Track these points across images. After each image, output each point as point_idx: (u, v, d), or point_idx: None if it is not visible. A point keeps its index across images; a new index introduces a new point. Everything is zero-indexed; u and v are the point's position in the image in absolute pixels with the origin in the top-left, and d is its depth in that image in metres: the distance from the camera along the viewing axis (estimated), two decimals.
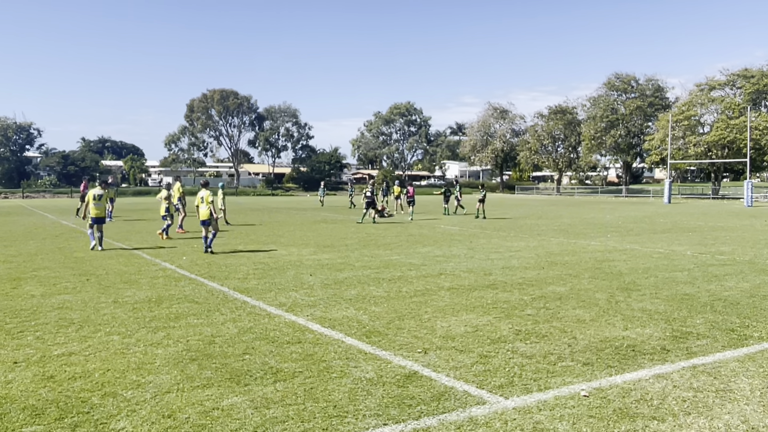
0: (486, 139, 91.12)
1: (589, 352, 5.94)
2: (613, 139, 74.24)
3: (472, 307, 7.91)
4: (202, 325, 6.86)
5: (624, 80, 76.21)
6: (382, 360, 5.64)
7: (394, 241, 16.48)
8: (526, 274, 10.65)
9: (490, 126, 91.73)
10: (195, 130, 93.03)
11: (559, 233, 19.39)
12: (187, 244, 15.59)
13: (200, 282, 9.77)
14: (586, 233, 19.43)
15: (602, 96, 77.03)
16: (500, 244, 16.01)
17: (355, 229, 20.85)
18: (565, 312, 7.62)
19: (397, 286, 9.45)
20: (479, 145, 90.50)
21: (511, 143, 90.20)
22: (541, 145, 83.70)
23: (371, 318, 7.26)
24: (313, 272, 10.78)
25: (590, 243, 16.25)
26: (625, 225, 23.38)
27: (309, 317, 7.29)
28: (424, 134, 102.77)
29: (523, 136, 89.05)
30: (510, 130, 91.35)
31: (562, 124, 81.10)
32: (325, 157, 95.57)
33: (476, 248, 14.86)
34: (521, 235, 18.76)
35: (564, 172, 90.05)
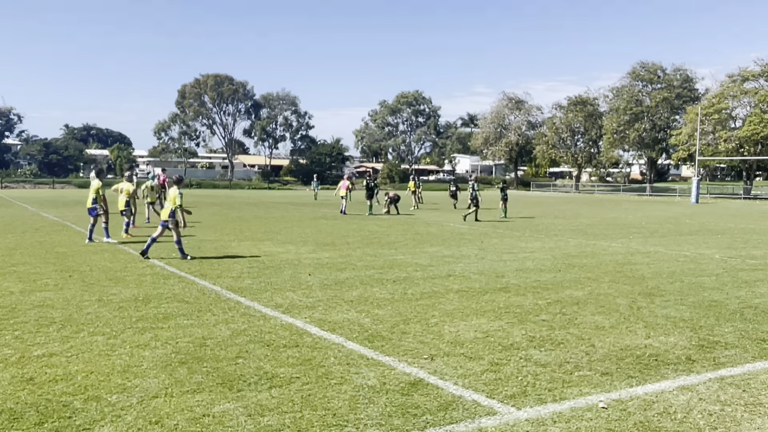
0: (500, 131, 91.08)
1: (608, 361, 5.94)
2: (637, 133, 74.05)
3: (483, 311, 7.92)
4: (193, 327, 6.88)
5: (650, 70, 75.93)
6: (386, 366, 5.66)
7: (399, 240, 16.49)
8: (542, 277, 10.64)
9: (504, 117, 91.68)
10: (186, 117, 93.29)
11: (577, 234, 19.36)
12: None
13: (190, 280, 9.80)
14: (606, 234, 19.40)
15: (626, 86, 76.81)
16: (514, 244, 16.00)
17: (357, 226, 20.87)
18: (582, 318, 7.62)
19: (402, 287, 9.46)
20: (492, 137, 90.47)
21: (526, 136, 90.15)
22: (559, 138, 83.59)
23: (374, 321, 7.27)
24: (311, 272, 10.80)
25: (611, 244, 16.23)
26: (649, 226, 23.32)
27: (307, 319, 7.30)
28: (433, 125, 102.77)
29: (539, 128, 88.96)
30: (526, 122, 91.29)
31: (582, 116, 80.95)
32: (326, 149, 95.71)
33: (488, 248, 14.85)
34: (536, 235, 18.74)
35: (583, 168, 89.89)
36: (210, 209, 29.81)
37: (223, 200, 41.02)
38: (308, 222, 22.44)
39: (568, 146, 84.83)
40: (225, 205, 33.87)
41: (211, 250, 13.61)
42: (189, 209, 13.24)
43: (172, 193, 12.22)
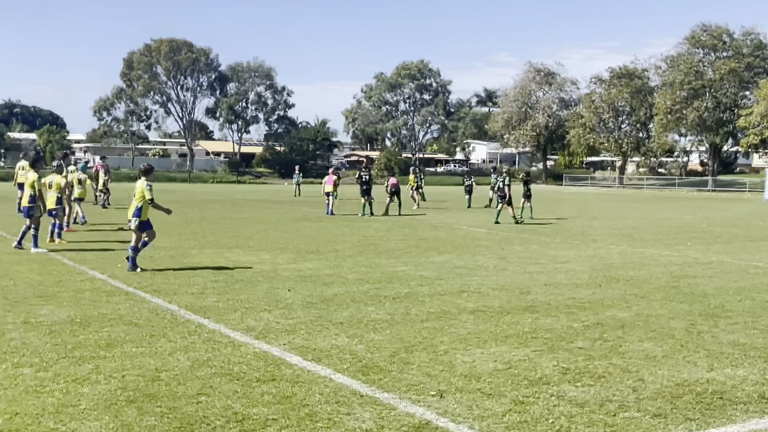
0: (525, 111, 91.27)
1: (661, 399, 5.95)
2: (697, 113, 74.18)
3: (504, 336, 7.93)
4: (144, 356, 6.88)
5: (713, 34, 76.12)
6: (384, 405, 5.66)
7: (399, 247, 16.50)
8: (577, 294, 10.65)
9: (530, 94, 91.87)
10: (134, 93, 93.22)
11: (621, 239, 19.40)
12: (122, 245, 15.58)
13: (140, 297, 9.79)
14: (658, 240, 19.43)
15: (683, 55, 77.05)
16: (542, 252, 16.00)
17: (348, 229, 20.90)
18: (629, 345, 7.63)
19: (403, 306, 9.47)
20: (516, 119, 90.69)
21: (558, 117, 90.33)
22: (599, 120, 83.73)
23: (369, 349, 7.27)
24: (292, 286, 10.80)
25: (663, 253, 16.25)
26: (712, 229, 23.38)
27: (286, 346, 7.30)
28: (442, 104, 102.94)
29: (574, 107, 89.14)
30: (557, 99, 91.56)
31: (627, 92, 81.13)
32: (309, 133, 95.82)
33: (510, 258, 14.86)
34: (570, 240, 18.76)
35: (629, 156, 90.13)
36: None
37: (181, 197, 41.01)
38: (287, 224, 22.45)
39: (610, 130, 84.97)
40: (183, 203, 33.86)
41: (166, 260, 13.61)
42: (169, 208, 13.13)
43: (139, 186, 12.26)
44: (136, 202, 12.28)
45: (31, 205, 14.52)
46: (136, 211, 12.26)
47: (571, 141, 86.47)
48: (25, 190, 14.78)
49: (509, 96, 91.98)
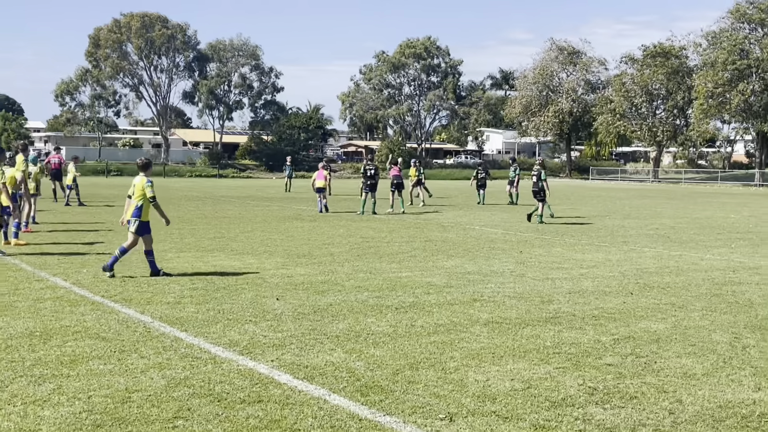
0: (546, 95, 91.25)
1: (701, 423, 5.95)
2: (743, 96, 74.05)
3: (523, 351, 7.93)
4: (112, 374, 6.88)
5: (760, 7, 75.91)
6: (386, 430, 5.66)
7: (404, 250, 16.49)
8: (606, 303, 10.65)
9: (552, 76, 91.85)
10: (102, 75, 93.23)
11: (656, 241, 19.38)
12: (88, 248, 15.68)
13: (109, 307, 9.80)
14: (698, 241, 19.42)
15: (726, 31, 76.87)
16: (565, 256, 15.99)
17: (344, 230, 20.90)
18: (665, 361, 7.63)
19: (408, 317, 9.47)
20: (536, 104, 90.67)
21: (584, 102, 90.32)
22: (630, 105, 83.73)
23: (369, 366, 7.28)
24: (281, 295, 10.81)
25: (704, 256, 16.23)
26: (759, 229, 23.35)
27: (275, 363, 7.31)
28: (452, 87, 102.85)
29: (603, 91, 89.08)
30: (583, 81, 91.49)
31: (663, 73, 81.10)
32: (301, 120, 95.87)
33: (529, 262, 14.85)
34: (598, 242, 18.74)
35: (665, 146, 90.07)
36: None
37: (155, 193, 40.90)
38: (276, 224, 22.45)
39: (643, 116, 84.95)
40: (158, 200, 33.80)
41: (138, 265, 13.61)
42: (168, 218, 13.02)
43: (138, 183, 12.35)
44: (136, 201, 12.32)
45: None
46: (135, 210, 12.29)
47: (599, 129, 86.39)
48: None
49: (528, 78, 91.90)
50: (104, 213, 25.34)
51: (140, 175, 12.48)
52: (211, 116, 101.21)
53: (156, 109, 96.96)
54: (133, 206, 12.30)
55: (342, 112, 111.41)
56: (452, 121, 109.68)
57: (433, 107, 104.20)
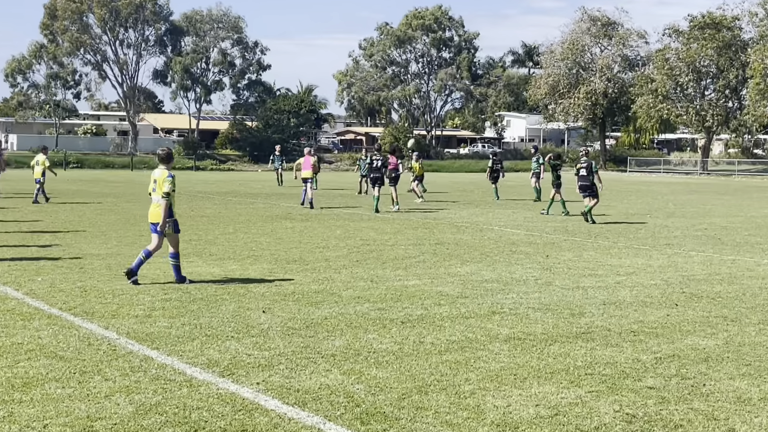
0: (576, 73, 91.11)
1: None
2: None
3: (549, 372, 7.93)
4: (72, 399, 6.89)
5: None
6: None
7: (411, 254, 16.49)
8: (646, 316, 10.63)
9: (584, 51, 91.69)
10: (59, 51, 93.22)
11: (705, 243, 19.36)
12: (43, 251, 15.73)
13: (68, 321, 9.79)
14: (754, 244, 19.39)
15: None
16: (599, 260, 15.98)
17: (342, 231, 20.90)
18: (715, 384, 7.62)
19: (416, 333, 9.47)
20: (564, 84, 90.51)
21: (620, 82, 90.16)
22: (675, 85, 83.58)
23: (371, 389, 7.28)
24: (268, 307, 10.81)
25: (762, 261, 16.22)
26: None
27: (261, 386, 7.31)
28: (467, 65, 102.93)
29: (642, 69, 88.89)
30: (619, 57, 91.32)
31: (713, 47, 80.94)
32: (291, 103, 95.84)
33: (557, 268, 14.83)
34: (637, 245, 18.72)
35: (716, 133, 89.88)
36: (99, 203, 29.84)
37: (120, 188, 41.05)
38: (262, 225, 22.45)
39: (689, 98, 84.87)
40: (124, 197, 33.87)
41: (102, 271, 13.62)
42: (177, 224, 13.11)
43: (160, 176, 12.56)
44: (158, 200, 12.58)
45: None
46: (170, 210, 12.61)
47: (638, 113, 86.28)
48: None
49: (556, 54, 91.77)
50: (62, 212, 25.35)
51: (161, 168, 12.77)
52: (186, 99, 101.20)
53: (122, 90, 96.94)
54: (164, 206, 12.46)
55: (339, 93, 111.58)
56: (467, 104, 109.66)
57: (444, 88, 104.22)
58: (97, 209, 26.83)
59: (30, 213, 24.88)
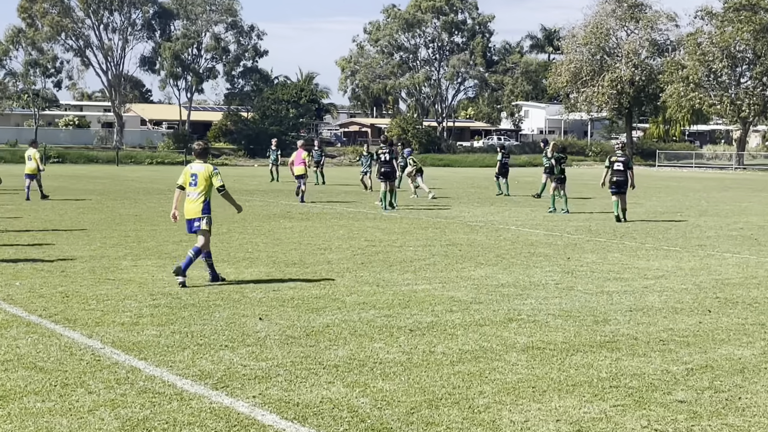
0: (601, 59, 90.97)
1: None
2: None
3: (571, 384, 7.92)
4: (53, 414, 6.89)
5: None
6: None
7: (420, 256, 16.48)
8: (676, 323, 10.61)
9: (608, 35, 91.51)
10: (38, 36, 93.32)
11: (740, 244, 19.33)
12: (24, 250, 15.73)
13: (48, 330, 9.80)
14: None
15: None
16: (625, 263, 15.96)
17: (346, 231, 20.89)
18: (751, 397, 7.61)
19: (425, 341, 9.47)
20: (587, 71, 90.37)
21: (648, 68, 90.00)
22: (708, 72, 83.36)
23: (376, 403, 7.29)
24: (265, 313, 10.82)
25: None
26: None
27: (257, 400, 7.32)
28: (481, 51, 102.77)
29: (672, 54, 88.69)
30: (647, 42, 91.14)
31: (749, 31, 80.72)
32: (290, 93, 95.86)
33: (579, 271, 14.82)
34: (666, 246, 18.70)
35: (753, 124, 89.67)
36: (82, 201, 29.87)
37: (105, 184, 41.09)
38: (259, 224, 22.45)
39: (723, 86, 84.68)
40: (109, 194, 33.90)
41: (86, 275, 13.63)
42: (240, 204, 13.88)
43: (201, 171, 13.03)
44: (201, 195, 12.91)
45: None
46: (205, 206, 13.00)
47: (668, 102, 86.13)
48: None
49: (578, 38, 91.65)
50: (43, 210, 25.40)
51: (198, 163, 13.23)
52: (176, 87, 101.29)
53: (107, 79, 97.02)
54: (197, 201, 12.96)
55: (342, 81, 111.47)
56: (481, 93, 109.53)
57: (456, 75, 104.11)
58: (80, 207, 26.84)
59: (7, 211, 24.90)
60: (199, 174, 13.03)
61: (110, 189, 37.51)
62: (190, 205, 13.06)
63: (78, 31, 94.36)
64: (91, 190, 35.90)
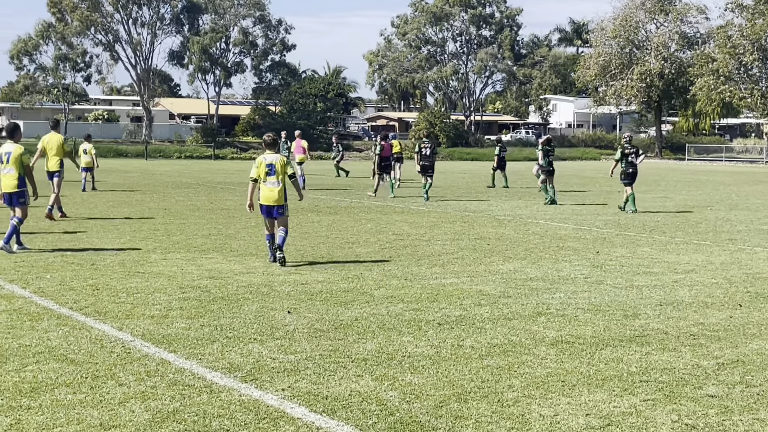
0: (630, 52, 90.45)
1: None
2: None
3: (601, 378, 7.90)
4: (84, 406, 6.93)
5: None
6: None
7: (448, 250, 16.48)
8: (707, 318, 10.56)
9: (638, 28, 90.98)
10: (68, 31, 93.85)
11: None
12: (55, 243, 15.77)
13: (79, 322, 9.87)
14: None
15: None
16: (655, 257, 15.88)
17: (373, 224, 20.91)
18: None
19: (454, 335, 9.47)
20: (616, 64, 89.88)
21: (678, 61, 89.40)
22: (738, 64, 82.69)
23: (405, 396, 7.29)
24: (293, 307, 10.84)
25: None
26: None
27: (287, 393, 7.33)
28: (509, 44, 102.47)
29: (702, 47, 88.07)
30: (677, 35, 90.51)
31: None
32: (317, 86, 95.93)
33: (608, 266, 14.77)
34: (697, 240, 18.59)
35: None
36: (112, 194, 30.04)
37: (135, 178, 41.28)
38: None
39: (754, 79, 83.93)
40: (139, 188, 34.06)
41: (116, 268, 13.71)
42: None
43: (277, 161, 14.24)
44: (280, 183, 14.17)
45: (22, 190, 15.29)
46: (285, 193, 14.33)
47: (698, 95, 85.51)
48: (6, 171, 15.28)
49: (607, 31, 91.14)
50: (72, 204, 25.52)
51: (271, 153, 14.44)
52: (204, 82, 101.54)
53: (135, 73, 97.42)
54: (276, 189, 14.16)
55: (369, 75, 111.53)
56: (509, 86, 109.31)
57: (484, 69, 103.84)
58: (109, 201, 26.99)
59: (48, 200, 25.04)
60: (275, 163, 14.17)
61: (139, 183, 37.68)
62: (270, 193, 14.19)
63: (107, 25, 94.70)
64: (120, 184, 36.08)
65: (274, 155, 14.36)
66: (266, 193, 14.25)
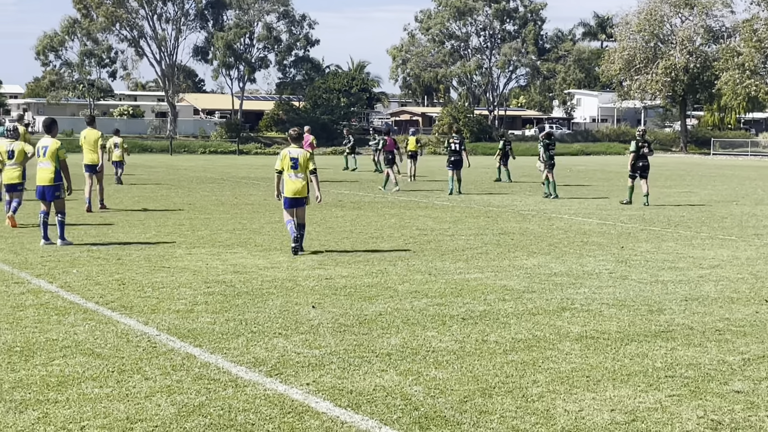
0: (654, 47, 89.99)
1: None
2: None
3: (626, 374, 7.87)
4: (110, 399, 6.98)
5: None
6: None
7: (472, 245, 16.46)
8: (733, 313, 10.50)
9: (662, 21, 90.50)
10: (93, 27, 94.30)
11: None
12: (81, 238, 15.88)
13: (105, 317, 9.93)
14: None
15: None
16: (680, 252, 15.81)
17: (397, 219, 20.92)
18: None
19: (478, 330, 9.46)
20: (641, 58, 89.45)
21: (703, 56, 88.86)
22: (764, 59, 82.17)
23: (429, 391, 7.29)
24: (318, 301, 10.86)
25: None
26: None
27: (311, 387, 7.35)
28: (533, 38, 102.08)
29: (728, 41, 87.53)
30: (702, 29, 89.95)
31: None
32: (341, 82, 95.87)
33: (633, 260, 14.71)
34: (722, 235, 18.49)
35: None
36: (137, 189, 30.19)
37: (160, 173, 41.45)
38: (311, 213, 22.29)
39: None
40: (164, 183, 34.21)
41: (141, 262, 13.78)
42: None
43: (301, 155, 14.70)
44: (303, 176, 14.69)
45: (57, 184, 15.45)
46: (308, 186, 14.90)
47: (723, 90, 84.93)
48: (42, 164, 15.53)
49: (631, 25, 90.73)
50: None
51: (295, 147, 14.95)
52: (228, 77, 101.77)
53: (160, 69, 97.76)
54: (297, 182, 14.65)
55: (393, 70, 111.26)
56: (533, 81, 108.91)
57: (508, 64, 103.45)
58: (135, 196, 27.12)
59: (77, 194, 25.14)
60: (299, 157, 14.64)
61: (164, 178, 37.83)
62: (295, 185, 14.67)
63: (132, 21, 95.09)
64: (145, 179, 36.22)
65: (298, 149, 14.78)
66: (290, 186, 14.69)
